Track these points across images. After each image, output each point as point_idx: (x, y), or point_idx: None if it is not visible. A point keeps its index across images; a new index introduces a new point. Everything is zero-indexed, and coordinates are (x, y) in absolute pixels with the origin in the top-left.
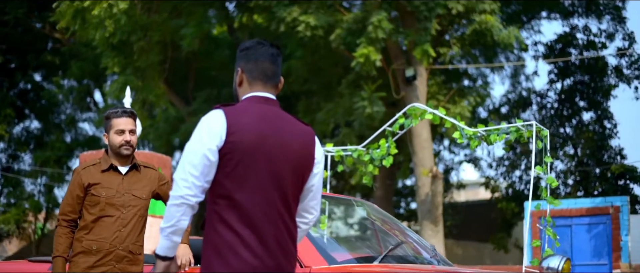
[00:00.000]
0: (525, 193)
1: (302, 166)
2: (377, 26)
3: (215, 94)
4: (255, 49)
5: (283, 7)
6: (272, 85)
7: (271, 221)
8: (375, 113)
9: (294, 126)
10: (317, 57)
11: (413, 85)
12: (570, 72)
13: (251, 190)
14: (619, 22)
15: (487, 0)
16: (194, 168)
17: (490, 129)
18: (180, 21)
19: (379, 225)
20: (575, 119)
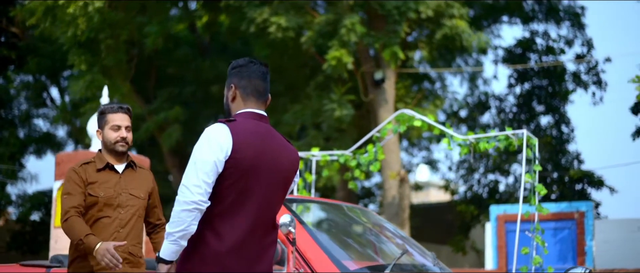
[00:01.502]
0: (484, 197)
1: (289, 181)
2: (350, 29)
3: (176, 92)
4: (248, 67)
5: (253, 8)
6: (263, 101)
7: (263, 231)
8: (344, 116)
9: (283, 144)
10: (285, 58)
11: (381, 88)
12: (529, 77)
13: (247, 202)
14: (578, 28)
15: (456, 5)
16: (206, 176)
17: (479, 137)
18: (144, 19)
19: (378, 231)
20: (533, 123)
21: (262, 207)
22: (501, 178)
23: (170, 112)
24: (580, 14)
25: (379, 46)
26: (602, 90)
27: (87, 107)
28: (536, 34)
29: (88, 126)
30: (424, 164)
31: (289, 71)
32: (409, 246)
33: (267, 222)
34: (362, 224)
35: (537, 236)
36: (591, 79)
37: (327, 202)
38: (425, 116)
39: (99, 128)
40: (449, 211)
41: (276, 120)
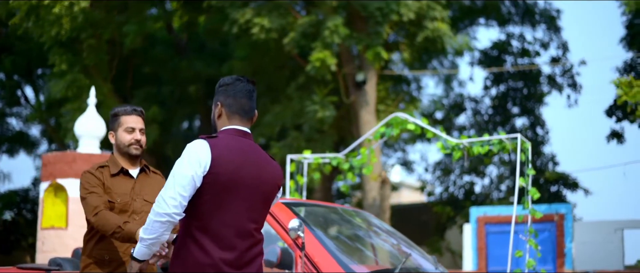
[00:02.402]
0: (460, 198)
1: (271, 195)
2: (333, 31)
3: (154, 92)
4: (235, 85)
5: (236, 9)
6: (248, 119)
7: (244, 244)
8: (327, 117)
9: (266, 160)
10: (266, 59)
11: (363, 90)
12: (504, 79)
13: (226, 216)
14: (554, 31)
15: (438, 7)
16: (183, 189)
17: (473, 141)
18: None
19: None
20: (508, 125)
21: (243, 221)
22: (477, 179)
23: (147, 112)
24: (555, 17)
25: (361, 47)
26: (577, 93)
27: (68, 107)
28: (512, 36)
29: (75, 126)
30: (399, 165)
31: (269, 71)
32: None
33: (249, 236)
34: (362, 226)
35: (530, 239)
36: (566, 82)
37: (323, 205)
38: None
39: (111, 130)
40: (423, 212)
41: (256, 121)
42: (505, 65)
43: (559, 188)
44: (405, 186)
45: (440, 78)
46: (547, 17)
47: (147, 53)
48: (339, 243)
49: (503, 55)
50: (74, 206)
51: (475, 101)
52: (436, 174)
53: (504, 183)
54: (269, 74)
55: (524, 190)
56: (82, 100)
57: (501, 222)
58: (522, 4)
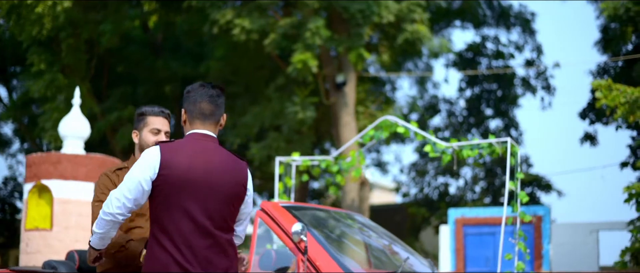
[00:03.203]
0: (434, 199)
1: (234, 195)
2: (315, 33)
3: (130, 91)
4: (196, 91)
5: (216, 10)
6: (211, 123)
7: (200, 241)
8: (307, 118)
9: (226, 161)
10: (245, 60)
11: (342, 91)
12: (479, 81)
13: (178, 216)
14: (529, 34)
15: (418, 10)
16: (129, 192)
17: (463, 144)
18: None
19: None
20: (482, 127)
21: (198, 220)
22: (451, 180)
23: (123, 112)
24: (530, 20)
25: (342, 49)
26: (551, 95)
27: (47, 106)
28: (487, 38)
29: (59, 127)
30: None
31: (248, 72)
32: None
33: (208, 234)
34: (359, 229)
35: (520, 242)
36: (540, 84)
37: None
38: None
39: (135, 129)
40: (398, 213)
41: (234, 122)
42: (479, 67)
43: (533, 190)
44: (377, 186)
45: (415, 80)
46: (522, 20)
47: (123, 52)
48: (339, 246)
49: (478, 57)
50: (59, 207)
51: (450, 102)
52: (411, 175)
53: (478, 185)
54: (248, 74)
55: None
56: (60, 100)
57: (479, 224)
58: (497, 6)
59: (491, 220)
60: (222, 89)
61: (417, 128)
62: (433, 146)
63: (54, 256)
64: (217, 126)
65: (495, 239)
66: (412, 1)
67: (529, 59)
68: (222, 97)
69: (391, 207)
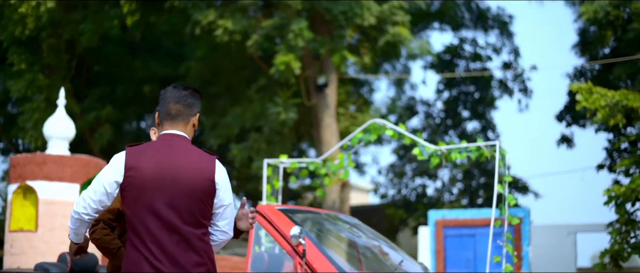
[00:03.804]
0: (412, 200)
1: (202, 190)
2: (298, 34)
3: (108, 91)
4: (167, 92)
5: (199, 10)
6: (179, 123)
7: (168, 239)
8: (289, 119)
9: (193, 157)
10: (226, 60)
11: (324, 92)
12: (457, 83)
13: (146, 215)
14: (506, 36)
15: (400, 13)
16: (94, 194)
17: (451, 147)
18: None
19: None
20: (459, 129)
21: (168, 218)
22: (429, 182)
23: (101, 111)
24: (508, 23)
25: (324, 50)
26: (528, 97)
27: (27, 107)
28: (465, 41)
29: (44, 127)
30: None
31: (229, 73)
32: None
33: (176, 231)
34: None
35: (508, 245)
36: (517, 87)
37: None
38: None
39: (154, 127)
40: (375, 214)
41: (215, 122)
42: (457, 69)
43: (510, 192)
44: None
45: (392, 82)
46: (500, 22)
47: (102, 52)
48: (336, 249)
49: (455, 59)
50: (44, 208)
51: (428, 104)
52: (389, 176)
53: (455, 186)
54: (229, 75)
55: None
56: (40, 99)
57: (459, 225)
58: (475, 8)
59: (471, 222)
60: (194, 89)
61: (406, 131)
62: (421, 149)
63: (38, 257)
64: (188, 126)
65: (475, 241)
66: (393, 2)
67: (506, 62)
68: (193, 97)
69: (368, 208)
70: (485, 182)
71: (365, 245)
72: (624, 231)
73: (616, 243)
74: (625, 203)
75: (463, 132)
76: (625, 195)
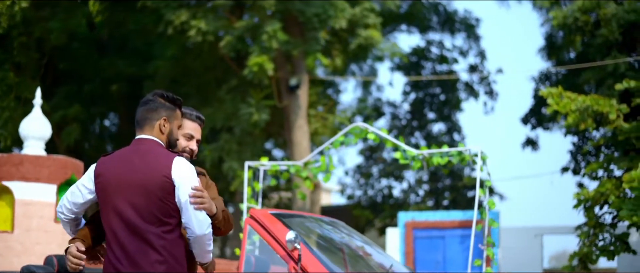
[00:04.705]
0: (378, 201)
1: (158, 187)
2: (272, 36)
3: (75, 90)
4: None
5: (171, 10)
6: (145, 126)
7: (129, 239)
8: (261, 120)
9: (151, 157)
10: (197, 61)
11: (296, 94)
12: (423, 85)
13: (112, 217)
14: (473, 39)
15: (372, 15)
16: (71, 196)
17: (433, 152)
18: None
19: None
20: (425, 130)
21: (128, 218)
22: (395, 183)
23: (68, 110)
24: (474, 26)
25: (297, 52)
26: (494, 100)
27: None
28: (432, 43)
29: (21, 127)
30: None
31: (199, 73)
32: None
33: (137, 232)
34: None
35: (488, 249)
36: (483, 89)
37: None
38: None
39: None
40: (341, 215)
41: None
42: (424, 71)
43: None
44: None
45: (359, 83)
46: (467, 25)
47: (69, 50)
48: (329, 253)
49: (422, 61)
50: (21, 209)
51: (394, 105)
52: (355, 177)
53: (421, 188)
54: (199, 75)
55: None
56: (10, 98)
57: (429, 227)
58: (443, 11)
59: (441, 224)
60: (162, 94)
61: (387, 135)
62: (403, 153)
63: (14, 259)
64: (155, 130)
65: (445, 243)
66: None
67: (472, 64)
68: (157, 102)
69: (335, 209)
70: (452, 184)
71: (355, 248)
72: (592, 234)
73: (585, 246)
74: (594, 207)
75: (429, 134)
76: (594, 198)
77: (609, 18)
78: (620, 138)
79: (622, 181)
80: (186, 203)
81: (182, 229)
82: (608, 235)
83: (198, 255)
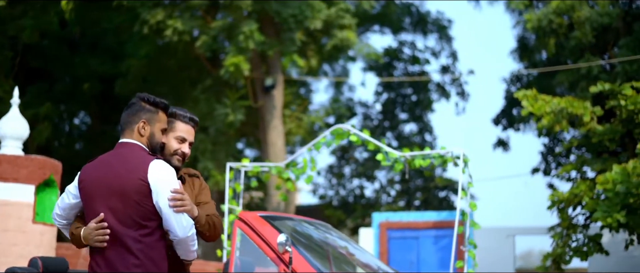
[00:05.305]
0: (350, 201)
1: (133, 191)
2: (249, 36)
3: (46, 88)
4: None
5: (147, 9)
6: (126, 130)
7: (110, 243)
8: (237, 121)
9: (129, 160)
10: (172, 60)
11: (271, 94)
12: (395, 85)
13: (91, 219)
14: (446, 40)
15: (347, 16)
16: (60, 201)
17: (415, 154)
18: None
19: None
20: (396, 131)
21: (109, 222)
22: (367, 183)
23: (40, 108)
24: (447, 27)
25: (273, 53)
26: (465, 101)
27: None
28: (404, 44)
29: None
30: None
31: (172, 72)
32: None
33: (117, 234)
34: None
35: (470, 251)
36: (455, 90)
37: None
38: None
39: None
40: (313, 215)
41: None
42: (396, 72)
43: (447, 194)
44: None
45: (331, 83)
46: (439, 27)
47: (40, 48)
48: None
49: (394, 62)
50: None
51: (366, 106)
52: (327, 177)
53: (393, 188)
54: (173, 75)
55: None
56: None
57: (403, 228)
58: (415, 12)
59: (415, 225)
60: (142, 97)
61: (369, 136)
62: (385, 155)
63: None
64: (135, 133)
65: (418, 243)
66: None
67: (444, 65)
68: (137, 105)
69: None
70: (423, 185)
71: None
72: (565, 235)
73: (558, 246)
74: (567, 208)
75: (400, 134)
76: (568, 199)
77: (583, 21)
78: (594, 140)
79: (596, 182)
80: (166, 207)
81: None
82: (581, 236)
83: (182, 255)
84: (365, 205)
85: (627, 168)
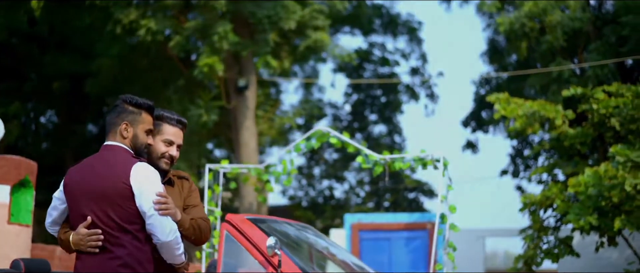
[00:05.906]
0: (320, 202)
1: (116, 194)
2: (223, 37)
3: (16, 86)
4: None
5: (120, 9)
6: (110, 133)
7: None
8: (210, 121)
9: (112, 162)
10: (144, 60)
11: (244, 95)
12: (365, 87)
13: (77, 223)
14: (416, 42)
15: (321, 17)
16: (50, 207)
17: (395, 157)
18: None
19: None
20: (365, 132)
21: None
22: (337, 184)
23: (8, 107)
24: (417, 29)
25: (246, 53)
26: (434, 103)
27: None
28: (374, 45)
29: None
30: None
31: (144, 72)
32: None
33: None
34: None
35: (449, 253)
36: (424, 92)
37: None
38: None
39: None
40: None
41: None
42: (366, 73)
43: (417, 196)
44: None
45: (300, 84)
46: (409, 28)
47: (9, 47)
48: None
49: (364, 63)
50: None
51: (336, 107)
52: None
53: (363, 189)
54: (145, 75)
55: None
56: None
57: (375, 229)
58: (385, 14)
59: (387, 226)
60: (125, 99)
61: (350, 139)
62: (365, 158)
63: None
64: (118, 135)
65: (390, 244)
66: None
67: (414, 67)
68: (119, 107)
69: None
70: (393, 186)
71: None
72: (536, 237)
73: (529, 248)
74: (539, 210)
75: (369, 135)
76: (540, 202)
77: (554, 25)
78: (565, 143)
79: (568, 185)
80: (149, 210)
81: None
82: (552, 238)
83: (168, 259)
84: (334, 206)
85: (600, 172)
